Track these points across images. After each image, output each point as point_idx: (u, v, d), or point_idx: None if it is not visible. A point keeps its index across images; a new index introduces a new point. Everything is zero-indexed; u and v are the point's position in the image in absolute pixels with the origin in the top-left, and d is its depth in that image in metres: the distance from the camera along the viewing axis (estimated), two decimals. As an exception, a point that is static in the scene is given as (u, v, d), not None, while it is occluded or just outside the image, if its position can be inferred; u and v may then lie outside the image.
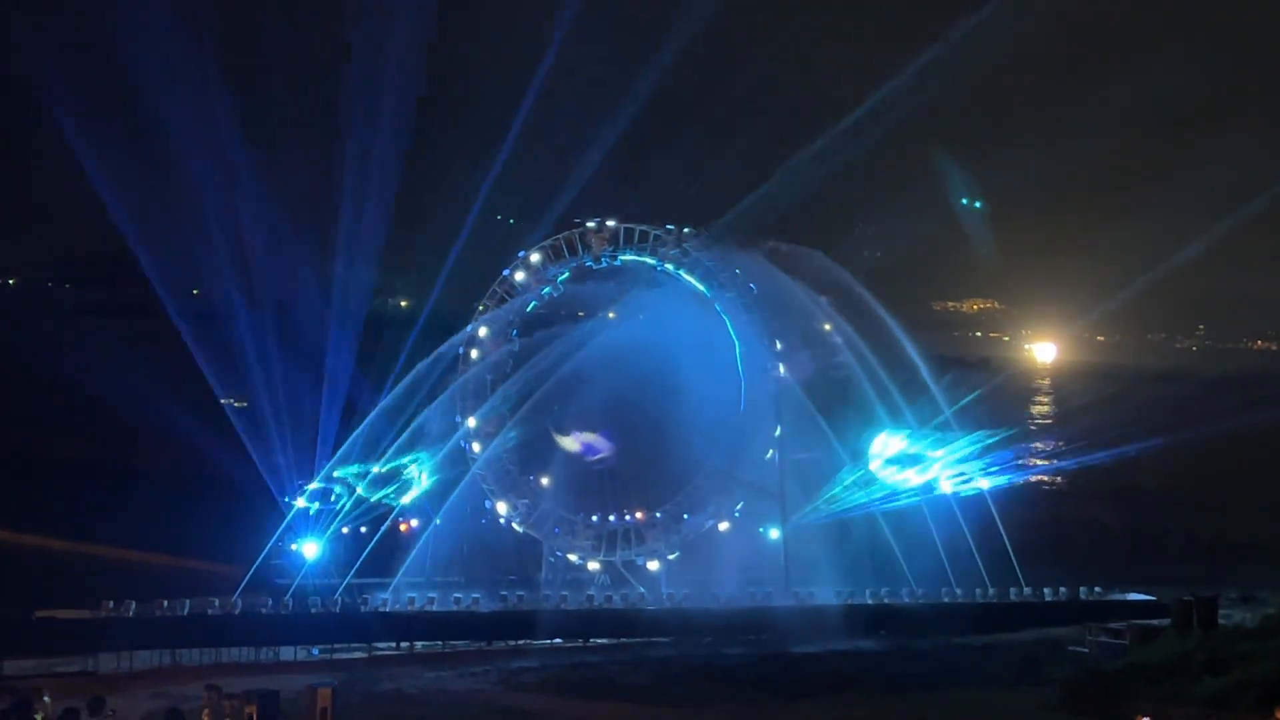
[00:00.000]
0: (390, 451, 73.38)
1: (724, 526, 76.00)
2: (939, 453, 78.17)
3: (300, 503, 72.92)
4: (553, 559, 75.64)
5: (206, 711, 52.28)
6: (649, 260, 76.31)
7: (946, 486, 78.12)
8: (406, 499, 73.86)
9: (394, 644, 69.77)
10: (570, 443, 77.16)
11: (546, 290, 76.00)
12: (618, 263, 76.53)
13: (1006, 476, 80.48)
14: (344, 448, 73.76)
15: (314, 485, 73.44)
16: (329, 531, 72.21)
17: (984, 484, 78.90)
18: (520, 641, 70.25)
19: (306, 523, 72.35)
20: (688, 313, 76.38)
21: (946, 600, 75.25)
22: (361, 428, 73.70)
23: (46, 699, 50.77)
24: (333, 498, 72.89)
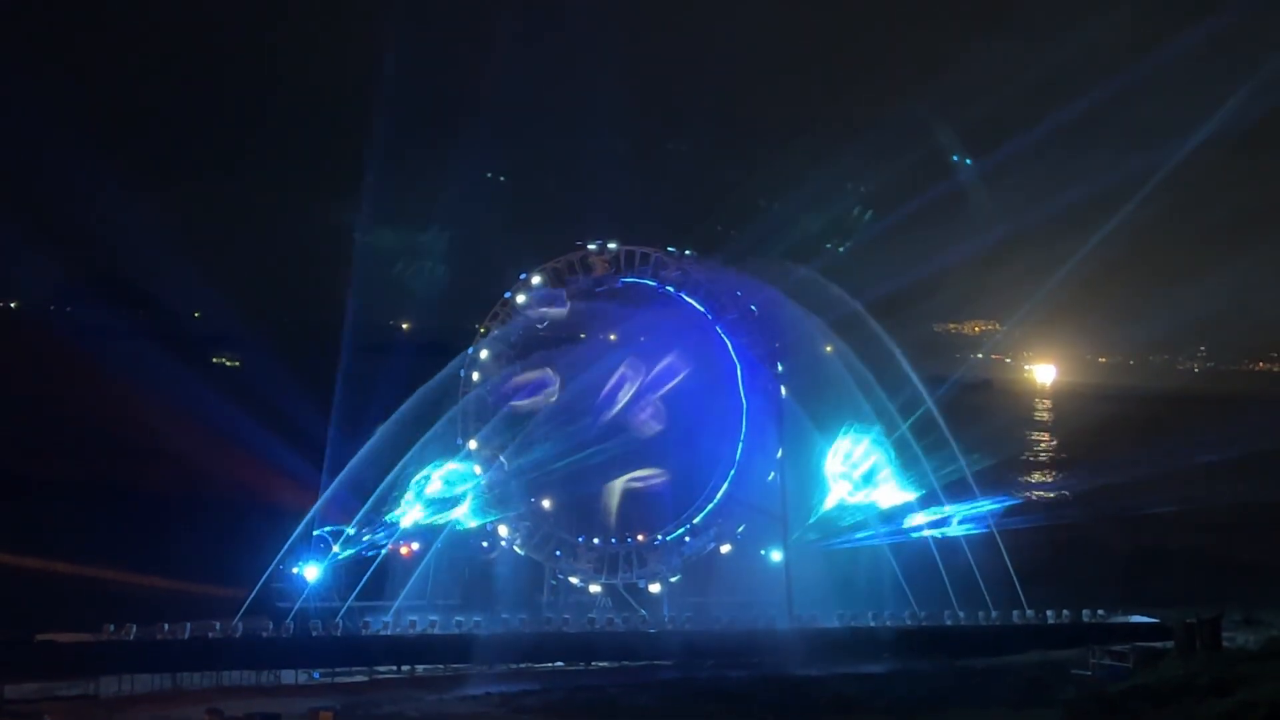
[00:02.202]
0: (388, 482, 73.06)
1: (725, 549, 75.85)
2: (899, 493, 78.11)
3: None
4: (554, 582, 75.44)
5: (207, 734, 52.27)
6: (650, 282, 76.28)
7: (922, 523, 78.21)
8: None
9: (395, 667, 69.63)
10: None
11: (548, 312, 75.76)
12: (619, 285, 76.44)
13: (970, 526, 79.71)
14: (340, 476, 73.24)
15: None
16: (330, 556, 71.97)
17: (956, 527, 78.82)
18: (522, 664, 70.07)
19: (307, 546, 72.11)
20: (689, 334, 76.36)
21: (949, 622, 75.06)
22: (360, 454, 73.44)
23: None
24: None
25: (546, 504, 75.64)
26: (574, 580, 75.19)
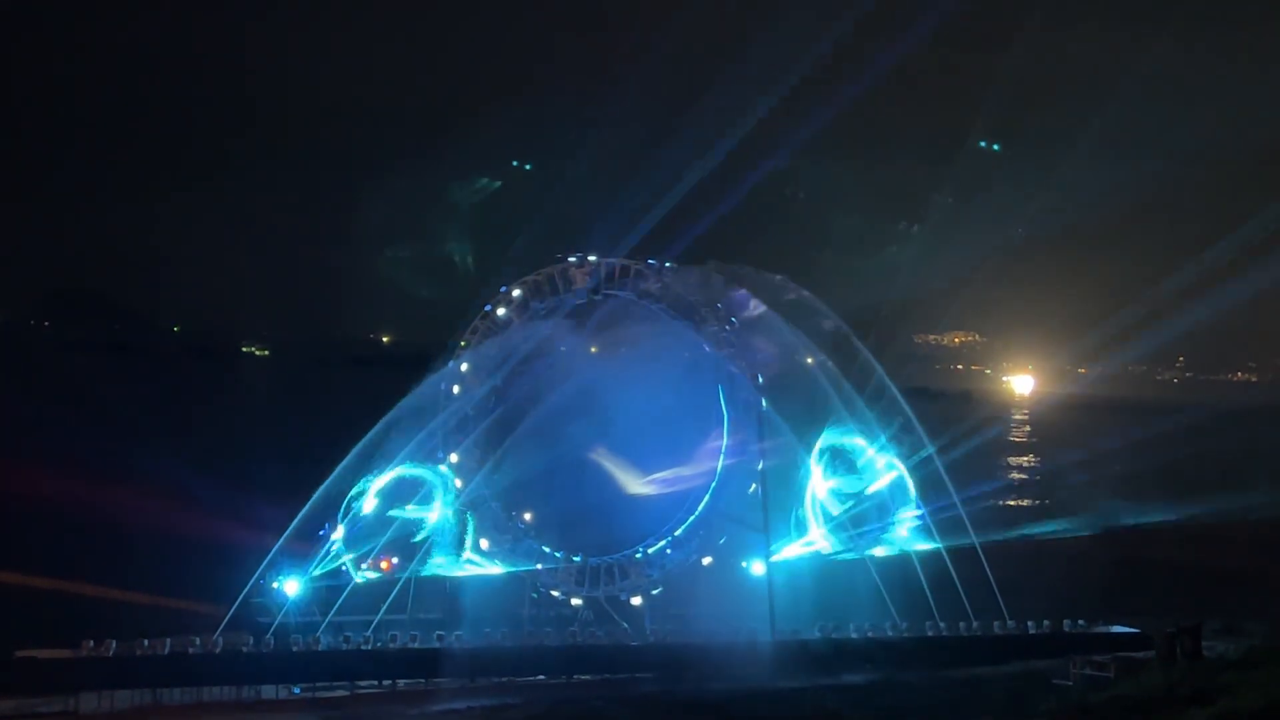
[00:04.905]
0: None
1: (707, 561, 75.85)
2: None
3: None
4: (536, 595, 75.34)
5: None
6: (631, 295, 76.34)
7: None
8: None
9: (376, 681, 69.40)
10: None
11: (528, 325, 75.78)
12: (599, 297, 76.52)
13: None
14: (316, 495, 72.83)
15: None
16: (311, 569, 71.67)
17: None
18: (504, 678, 69.93)
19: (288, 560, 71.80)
20: (669, 347, 76.39)
21: (930, 633, 75.16)
22: (341, 465, 73.17)
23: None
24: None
25: (528, 517, 75.68)
26: (555, 593, 75.13)
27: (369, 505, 72.08)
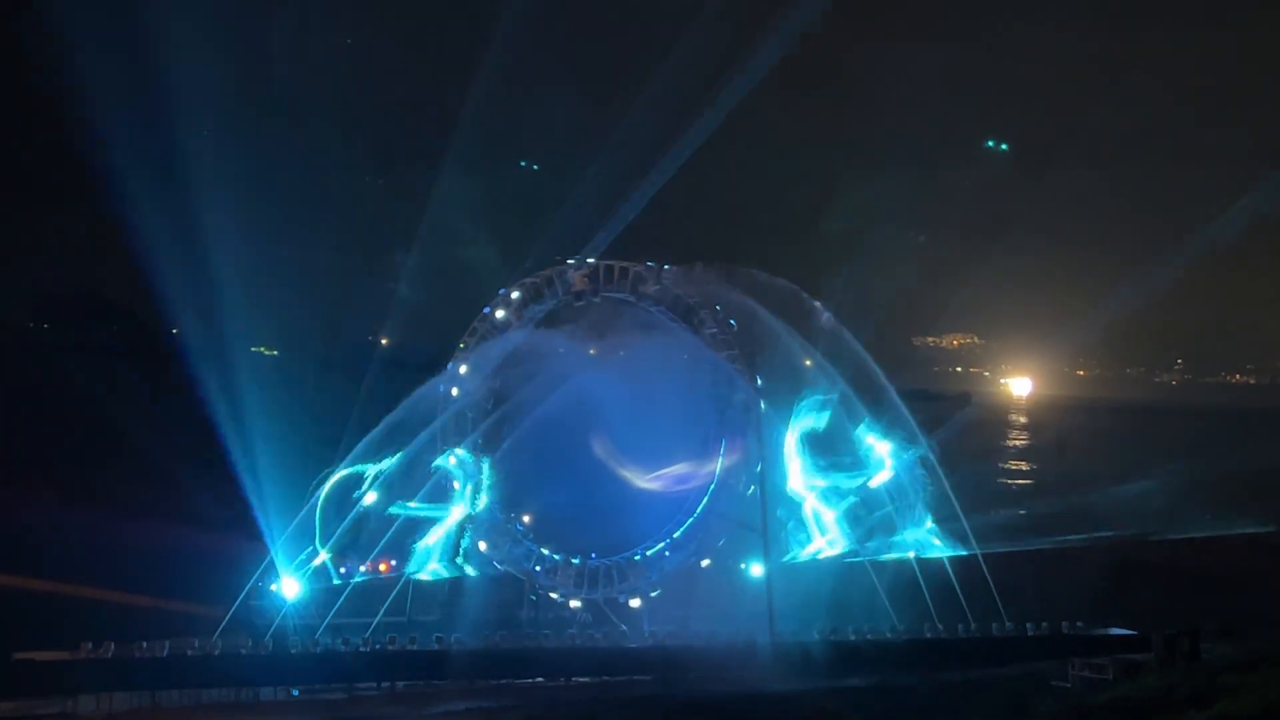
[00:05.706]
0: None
1: (706, 563, 75.83)
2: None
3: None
4: (534, 597, 75.32)
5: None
6: (629, 297, 76.33)
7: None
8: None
9: (374, 684, 69.37)
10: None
11: (527, 327, 75.77)
12: (598, 299, 76.50)
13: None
14: (313, 500, 72.69)
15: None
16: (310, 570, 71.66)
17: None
18: (502, 680, 69.91)
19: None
20: (668, 348, 76.37)
21: (929, 636, 75.10)
22: (341, 465, 73.10)
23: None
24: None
25: (526, 519, 75.67)
26: (554, 595, 75.13)
27: (370, 499, 72.14)
